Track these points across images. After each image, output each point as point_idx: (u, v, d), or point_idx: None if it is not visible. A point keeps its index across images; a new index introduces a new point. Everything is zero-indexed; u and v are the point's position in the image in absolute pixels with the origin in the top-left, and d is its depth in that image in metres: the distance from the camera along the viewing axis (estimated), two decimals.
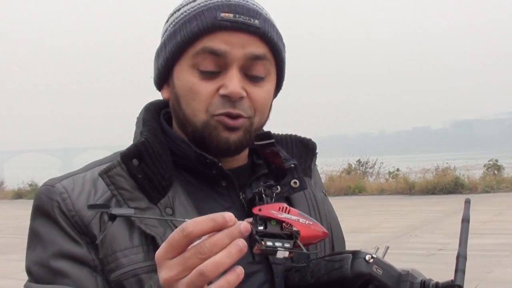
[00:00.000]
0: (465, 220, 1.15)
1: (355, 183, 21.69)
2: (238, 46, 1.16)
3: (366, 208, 15.60)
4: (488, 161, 21.84)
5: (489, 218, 12.50)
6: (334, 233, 1.36)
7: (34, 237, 1.18)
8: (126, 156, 1.15)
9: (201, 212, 1.10)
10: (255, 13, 1.19)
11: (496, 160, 21.70)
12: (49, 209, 1.16)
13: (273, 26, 1.23)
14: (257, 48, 1.18)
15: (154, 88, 1.30)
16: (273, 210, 0.93)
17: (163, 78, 1.25)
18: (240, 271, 0.85)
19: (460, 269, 1.08)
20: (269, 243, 0.91)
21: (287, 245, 0.92)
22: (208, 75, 1.17)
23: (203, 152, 1.19)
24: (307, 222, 0.95)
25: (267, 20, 1.21)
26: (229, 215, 0.84)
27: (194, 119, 1.19)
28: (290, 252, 0.92)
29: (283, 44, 1.26)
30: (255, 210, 0.94)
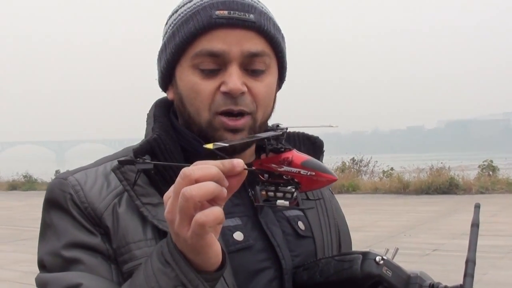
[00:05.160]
0: (475, 225, 1.15)
1: (349, 182, 21.66)
2: (235, 44, 1.17)
3: (360, 207, 15.61)
4: (483, 161, 21.73)
5: (484, 219, 12.31)
6: (341, 231, 1.37)
7: (47, 229, 1.19)
8: (139, 152, 1.16)
9: None
10: (250, 7, 1.19)
11: (491, 161, 21.62)
12: (62, 201, 1.17)
13: (269, 18, 1.22)
14: (254, 44, 1.19)
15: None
16: (274, 163, 0.93)
17: (166, 79, 1.27)
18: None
19: (469, 273, 1.09)
20: (271, 194, 0.93)
21: (288, 195, 0.93)
22: (209, 74, 1.18)
23: None
24: (308, 173, 0.94)
25: (263, 14, 1.21)
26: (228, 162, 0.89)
27: (198, 118, 1.21)
28: (290, 203, 0.93)
29: (282, 36, 1.26)
30: (256, 164, 0.94)
